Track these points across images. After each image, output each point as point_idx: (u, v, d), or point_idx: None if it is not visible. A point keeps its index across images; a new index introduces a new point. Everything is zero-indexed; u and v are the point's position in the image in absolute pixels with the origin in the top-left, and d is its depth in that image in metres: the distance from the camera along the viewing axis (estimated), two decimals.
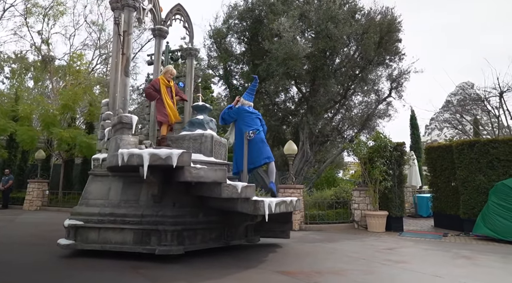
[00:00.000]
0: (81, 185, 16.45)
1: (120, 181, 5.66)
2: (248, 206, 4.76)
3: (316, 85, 13.12)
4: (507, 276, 4.58)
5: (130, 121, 5.53)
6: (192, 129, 6.64)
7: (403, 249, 6.51)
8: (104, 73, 25.58)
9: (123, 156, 4.81)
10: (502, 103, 12.65)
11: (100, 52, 25.00)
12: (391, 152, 9.22)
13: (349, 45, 13.03)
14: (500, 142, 8.37)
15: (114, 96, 6.61)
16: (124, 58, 6.40)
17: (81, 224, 5.29)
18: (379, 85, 13.84)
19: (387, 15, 12.54)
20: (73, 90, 16.58)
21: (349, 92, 13.81)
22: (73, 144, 14.90)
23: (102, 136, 6.34)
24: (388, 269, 4.86)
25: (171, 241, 5.05)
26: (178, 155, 4.58)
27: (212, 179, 4.69)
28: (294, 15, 11.58)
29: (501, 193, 7.64)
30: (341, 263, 5.14)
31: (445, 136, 41.25)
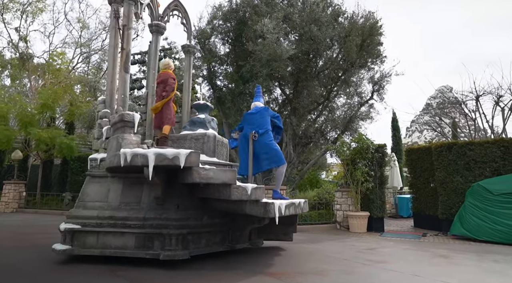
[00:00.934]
0: (60, 187, 16.10)
1: (120, 182, 5.42)
2: (257, 209, 4.56)
3: (299, 87, 13.22)
4: (480, 273, 4.72)
5: (132, 120, 5.24)
6: (193, 128, 6.39)
7: (383, 249, 6.61)
8: (85, 72, 25.10)
9: (126, 156, 4.56)
10: (478, 106, 13.03)
11: (82, 51, 24.52)
12: (373, 154, 9.37)
13: (332, 47, 13.18)
14: (476, 144, 8.63)
15: (111, 93, 6.35)
16: (123, 53, 6.14)
17: (78, 228, 5.00)
18: (361, 87, 14.07)
19: (369, 19, 12.75)
20: (52, 89, 16.17)
21: (332, 94, 13.97)
22: (52, 144, 14.54)
23: (100, 135, 6.04)
24: (369, 269, 4.92)
25: (176, 246, 4.82)
26: (186, 154, 4.36)
27: (221, 180, 4.47)
28: (278, 17, 11.64)
29: (476, 193, 7.88)
30: (323, 264, 5.18)
31: (425, 138, 42.16)
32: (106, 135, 5.89)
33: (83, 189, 5.54)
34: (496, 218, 7.47)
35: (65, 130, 16.72)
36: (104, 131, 5.97)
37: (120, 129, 5.29)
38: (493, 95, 12.59)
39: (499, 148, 8.29)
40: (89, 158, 5.86)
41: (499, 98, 12.45)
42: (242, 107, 12.96)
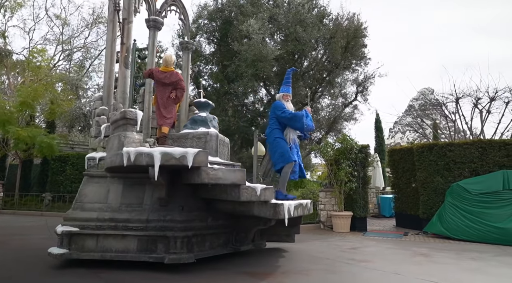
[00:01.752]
0: (40, 187, 15.69)
1: (120, 183, 5.19)
2: (266, 210, 4.42)
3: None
4: (458, 271, 4.85)
5: (135, 117, 4.97)
6: (195, 127, 6.15)
7: (366, 249, 6.70)
8: (67, 70, 24.57)
9: (130, 155, 4.35)
10: (458, 108, 13.36)
11: (63, 48, 24.00)
12: (356, 154, 9.48)
13: (317, 49, 13.31)
14: (456, 145, 8.84)
15: (109, 89, 6.13)
16: (124, 48, 5.92)
17: (76, 230, 4.74)
18: (345, 88, 14.27)
19: (354, 21, 12.93)
20: (32, 87, 15.76)
21: (317, 95, 14.10)
22: (32, 144, 14.17)
23: (97, 134, 5.77)
24: (352, 268, 4.99)
25: (181, 249, 4.63)
26: (194, 154, 4.18)
27: (230, 181, 4.30)
28: (263, 17, 11.68)
29: (456, 193, 8.07)
30: (307, 263, 5.22)
31: (408, 139, 42.96)
32: (105, 134, 5.63)
33: (80, 190, 5.29)
34: (473, 217, 7.67)
35: (46, 129, 16.33)
36: (102, 129, 5.71)
37: (121, 127, 5.04)
38: (472, 98, 12.93)
39: (477, 149, 8.51)
40: (86, 157, 5.60)
41: (478, 100, 12.79)
42: (227, 107, 12.95)
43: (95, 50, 24.35)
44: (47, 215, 12.15)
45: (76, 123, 17.31)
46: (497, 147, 8.39)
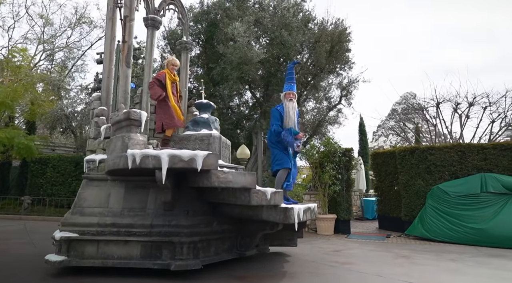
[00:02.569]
0: (19, 190, 15.26)
1: (122, 186, 5.01)
2: (276, 214, 4.33)
3: (269, 90, 13.34)
4: (438, 272, 4.96)
5: (139, 118, 4.83)
6: (197, 128, 6.00)
7: (349, 251, 6.78)
8: (49, 70, 24.04)
9: (135, 157, 4.19)
10: (439, 113, 13.69)
11: (45, 47, 23.48)
12: (340, 157, 9.59)
13: (302, 52, 13.42)
14: (436, 149, 9.06)
15: (108, 89, 5.96)
16: (125, 46, 5.76)
17: (75, 236, 4.57)
18: (330, 92, 14.40)
19: (338, 26, 13.09)
20: (12, 87, 15.32)
21: (301, 99, 14.19)
22: (10, 145, 13.78)
23: (97, 135, 5.60)
24: (335, 270, 5.04)
25: (187, 255, 4.51)
26: (203, 156, 4.07)
27: (241, 185, 4.18)
28: (249, 20, 11.71)
29: (436, 196, 8.26)
30: (292, 266, 5.24)
31: (391, 142, 43.64)
32: (105, 135, 5.47)
33: (79, 194, 5.08)
34: (453, 219, 7.86)
35: (25, 130, 15.92)
36: (102, 130, 5.54)
37: (125, 128, 4.88)
38: (452, 103, 13.29)
39: (457, 152, 8.74)
40: (85, 159, 5.40)
41: (457, 105, 13.15)
42: (213, 110, 12.92)
43: (78, 51, 23.92)
44: (25, 218, 11.85)
45: (57, 125, 16.94)
46: (475, 150, 8.64)
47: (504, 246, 7.09)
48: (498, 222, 7.35)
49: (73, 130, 16.35)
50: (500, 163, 8.33)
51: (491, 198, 7.70)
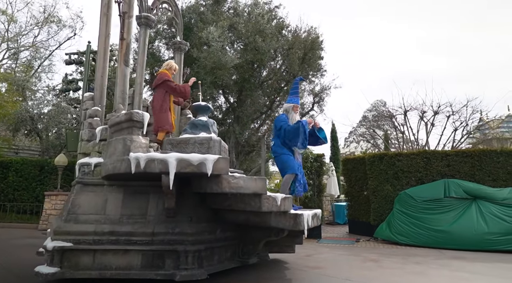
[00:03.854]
0: None
1: (120, 191, 4.72)
2: (285, 221, 4.19)
3: (243, 95, 13.39)
4: (404, 275, 5.13)
5: (141, 120, 4.54)
6: (195, 132, 5.73)
7: (320, 255, 6.87)
8: (13, 70, 23.00)
9: (139, 161, 3.96)
10: (406, 121, 14.18)
11: (8, 46, 22.47)
12: (312, 163, 9.74)
13: (275, 59, 13.57)
14: (404, 155, 9.38)
15: (101, 88, 5.69)
16: (124, 44, 5.51)
17: (69, 246, 4.25)
18: (302, 99, 14.61)
19: (311, 34, 13.36)
20: None
21: (274, 104, 14.33)
22: None
23: (91, 137, 5.32)
24: (307, 275, 5.09)
25: (192, 264, 4.30)
26: (214, 160, 3.89)
27: (252, 190, 4.01)
28: (223, 25, 11.74)
29: (403, 201, 8.54)
30: (263, 271, 5.24)
31: (362, 149, 44.75)
32: (101, 137, 5.20)
33: (73, 200, 4.73)
34: (418, 223, 8.15)
35: None
36: (97, 132, 5.25)
37: (126, 130, 4.61)
38: (418, 111, 13.81)
39: (423, 159, 9.09)
40: (78, 162, 5.06)
41: (423, 114, 13.68)
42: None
43: (45, 50, 23.06)
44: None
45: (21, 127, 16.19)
46: (440, 157, 9.02)
47: (465, 248, 7.43)
48: (459, 225, 7.70)
49: (38, 133, 15.67)
50: (462, 169, 8.74)
51: (453, 202, 8.05)
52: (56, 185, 11.44)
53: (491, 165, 8.68)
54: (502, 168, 8.64)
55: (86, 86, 13.18)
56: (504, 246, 7.33)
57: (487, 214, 7.73)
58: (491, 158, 8.72)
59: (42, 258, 4.67)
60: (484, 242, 7.44)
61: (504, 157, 8.71)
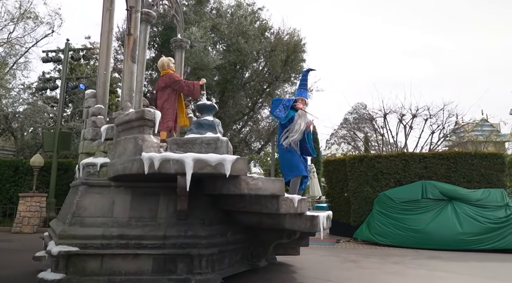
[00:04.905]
0: None
1: (128, 193, 4.52)
2: (301, 223, 4.11)
3: (225, 96, 13.37)
4: (382, 274, 5.23)
5: (153, 118, 4.35)
6: (201, 131, 5.52)
7: (302, 256, 6.89)
8: None
9: (153, 161, 3.81)
10: (386, 123, 14.48)
11: None
12: None
13: (258, 60, 13.64)
14: (383, 157, 9.56)
15: (104, 85, 5.50)
16: (131, 39, 5.29)
17: (76, 250, 4.04)
18: None
19: (294, 36, 13.49)
20: None
21: (257, 106, 14.38)
22: None
23: (95, 136, 5.11)
24: (287, 276, 5.11)
25: (206, 268, 4.15)
26: (232, 161, 3.77)
27: (270, 192, 3.90)
28: (206, 26, 11.70)
29: (382, 202, 8.70)
30: (246, 273, 5.23)
31: (343, 150, 45.32)
32: (107, 136, 4.99)
33: (78, 201, 4.50)
34: (397, 223, 8.32)
35: None
36: (103, 131, 5.04)
37: (136, 129, 4.40)
38: (397, 114, 14.13)
39: (401, 161, 9.29)
40: (82, 163, 4.85)
41: (402, 117, 13.99)
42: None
43: (21, 47, 22.37)
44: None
45: None
46: (418, 159, 9.23)
47: (441, 248, 7.64)
48: (435, 225, 7.92)
49: (13, 132, 15.18)
50: (439, 171, 8.98)
51: (430, 203, 8.26)
52: (32, 186, 11.10)
53: (466, 167, 8.96)
54: (475, 170, 8.92)
55: (64, 85, 12.86)
56: (477, 246, 7.58)
57: (461, 215, 7.97)
58: (465, 160, 9.00)
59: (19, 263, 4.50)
60: (459, 242, 7.67)
61: (478, 159, 9.01)
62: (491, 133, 22.09)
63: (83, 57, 13.54)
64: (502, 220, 7.78)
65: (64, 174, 12.03)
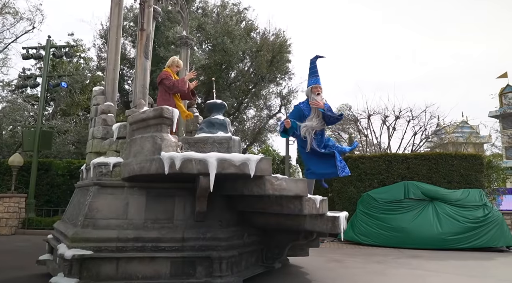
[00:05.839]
0: None
1: (143, 194, 4.39)
2: (323, 224, 4.03)
3: (211, 97, 13.30)
4: (365, 274, 5.29)
5: (171, 116, 4.21)
6: (213, 131, 5.46)
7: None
8: None
9: (174, 161, 3.70)
10: (370, 124, 14.69)
11: None
12: (278, 165, 9.84)
13: (244, 60, 13.63)
14: (367, 158, 9.70)
15: (113, 82, 5.34)
16: (144, 35, 5.11)
17: (90, 254, 3.91)
18: (270, 101, 14.79)
19: (280, 37, 13.54)
20: None
21: (242, 106, 14.36)
22: None
23: (105, 134, 4.94)
24: (271, 278, 5.11)
25: (226, 271, 4.05)
26: (257, 161, 3.71)
27: (294, 192, 3.83)
28: (191, 25, 11.61)
29: (366, 202, 8.82)
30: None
31: None
32: (118, 135, 4.82)
33: (90, 203, 4.34)
34: (380, 223, 8.45)
35: None
36: (115, 129, 4.85)
37: (153, 128, 4.28)
38: (381, 115, 14.37)
39: (384, 161, 9.44)
40: (93, 162, 4.68)
41: (385, 118, 14.25)
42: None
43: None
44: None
45: None
46: (400, 160, 9.41)
47: (423, 247, 7.79)
48: (417, 225, 8.07)
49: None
50: (420, 172, 9.16)
51: (412, 203, 8.42)
52: (10, 187, 10.80)
53: (446, 167, 9.17)
54: (456, 171, 9.15)
55: (46, 82, 12.56)
56: (457, 245, 7.77)
57: (442, 214, 8.15)
58: (446, 161, 9.21)
59: None
60: (439, 241, 7.84)
61: (458, 160, 9.23)
62: (471, 135, 22.68)
63: (66, 54, 13.25)
64: (480, 219, 8.00)
65: (44, 174, 11.76)
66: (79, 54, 19.56)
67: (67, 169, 11.96)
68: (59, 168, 11.98)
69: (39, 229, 9.90)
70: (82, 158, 13.68)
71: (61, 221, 5.31)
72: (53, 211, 11.04)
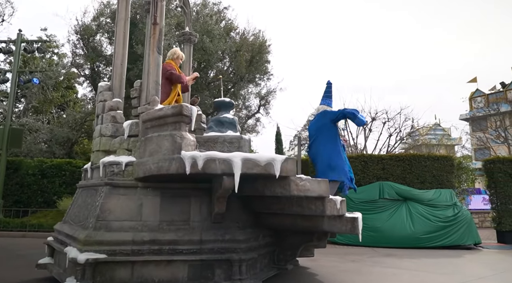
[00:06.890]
0: None
1: (157, 194, 4.20)
2: (342, 225, 4.00)
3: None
4: (339, 273, 5.38)
5: (190, 114, 4.03)
6: (222, 129, 5.35)
7: None
8: None
9: (196, 161, 3.58)
10: (347, 125, 14.95)
11: None
12: None
13: (223, 60, 13.59)
14: None
15: (120, 78, 5.12)
16: (156, 29, 4.88)
17: (103, 257, 3.72)
18: (249, 101, 14.81)
19: (259, 37, 13.58)
20: None
21: None
22: None
23: (115, 132, 4.70)
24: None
25: (246, 273, 3.96)
26: (282, 161, 3.64)
27: (317, 193, 3.77)
28: (170, 23, 11.48)
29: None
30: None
31: (306, 152, 46.06)
32: (130, 133, 4.60)
33: (102, 204, 4.11)
34: None
35: None
36: (126, 127, 4.63)
37: (171, 126, 4.10)
38: None
39: (361, 162, 9.61)
40: (103, 161, 4.45)
41: None
42: (128, 113, 12.25)
43: None
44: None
45: None
46: (376, 161, 9.60)
47: (396, 246, 7.99)
48: (391, 224, 8.27)
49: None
50: (395, 172, 9.39)
51: (386, 203, 8.62)
52: None
53: (420, 168, 9.43)
54: (428, 171, 9.42)
55: (16, 78, 12.10)
56: (429, 243, 8.01)
57: (415, 214, 8.39)
58: (419, 162, 9.48)
59: None
60: (412, 240, 8.06)
61: (431, 161, 9.52)
62: (443, 137, 23.46)
63: (38, 49, 12.80)
64: (450, 218, 8.28)
65: (13, 173, 11.33)
66: (52, 49, 18.94)
67: (38, 168, 11.56)
68: (30, 167, 11.56)
69: (7, 230, 9.52)
70: (54, 157, 13.25)
71: (64, 223, 5.01)
72: (23, 211, 10.65)
